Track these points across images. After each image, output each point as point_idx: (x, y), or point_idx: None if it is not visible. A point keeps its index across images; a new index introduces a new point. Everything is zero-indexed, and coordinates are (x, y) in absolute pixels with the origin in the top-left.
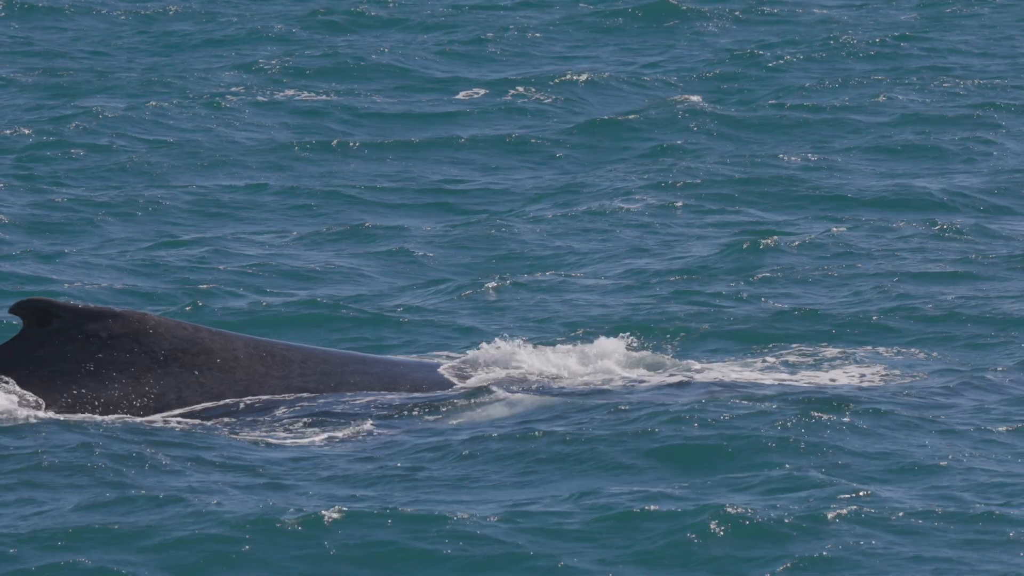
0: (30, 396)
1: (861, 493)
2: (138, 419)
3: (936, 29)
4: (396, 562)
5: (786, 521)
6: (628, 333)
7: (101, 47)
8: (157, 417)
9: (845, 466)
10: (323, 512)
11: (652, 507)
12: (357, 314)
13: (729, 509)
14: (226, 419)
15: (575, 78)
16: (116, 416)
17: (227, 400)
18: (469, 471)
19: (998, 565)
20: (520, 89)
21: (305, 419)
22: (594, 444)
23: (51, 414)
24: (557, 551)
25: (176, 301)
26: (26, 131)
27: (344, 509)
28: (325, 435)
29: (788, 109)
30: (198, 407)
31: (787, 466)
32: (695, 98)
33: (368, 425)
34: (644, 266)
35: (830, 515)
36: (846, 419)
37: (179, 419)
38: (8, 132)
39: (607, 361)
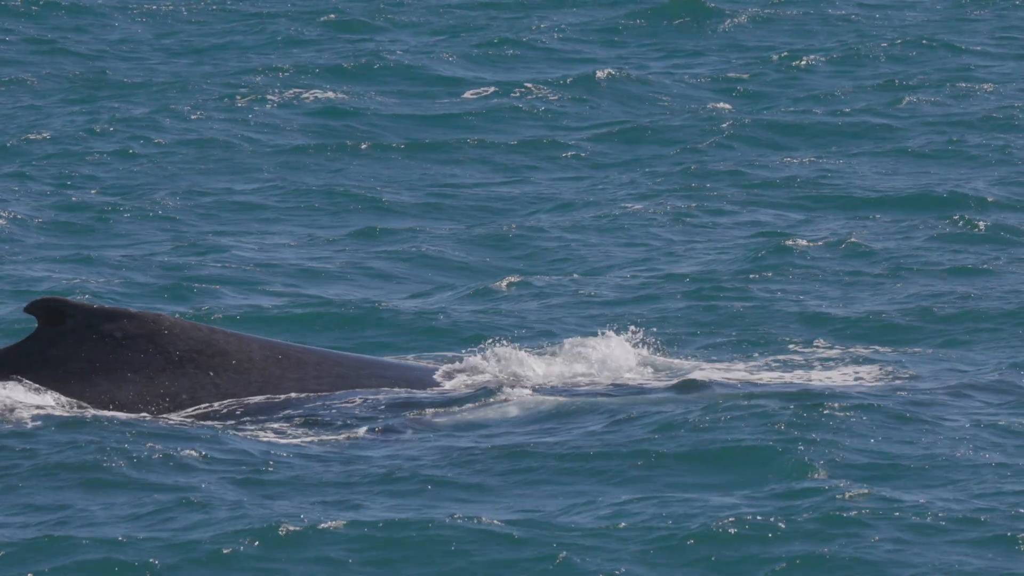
0: (44, 395)
1: (869, 494)
2: (151, 419)
3: (955, 32)
4: (411, 564)
5: (795, 523)
6: (637, 335)
7: (117, 48)
8: (171, 417)
9: (857, 467)
10: (336, 515)
11: (655, 509)
12: (370, 315)
13: (732, 512)
14: (240, 420)
15: (594, 80)
16: (129, 416)
17: (241, 401)
18: (485, 475)
19: (986, 563)
20: (536, 89)
21: (319, 422)
22: (605, 447)
23: (64, 413)
24: (563, 554)
25: (190, 302)
26: (43, 132)
27: (357, 512)
28: (339, 438)
29: (803, 113)
30: (212, 408)
31: (794, 468)
32: (714, 100)
33: (383, 429)
34: (656, 268)
35: (842, 516)
36: (856, 420)
37: (193, 420)
38: (26, 133)
39: (616, 363)
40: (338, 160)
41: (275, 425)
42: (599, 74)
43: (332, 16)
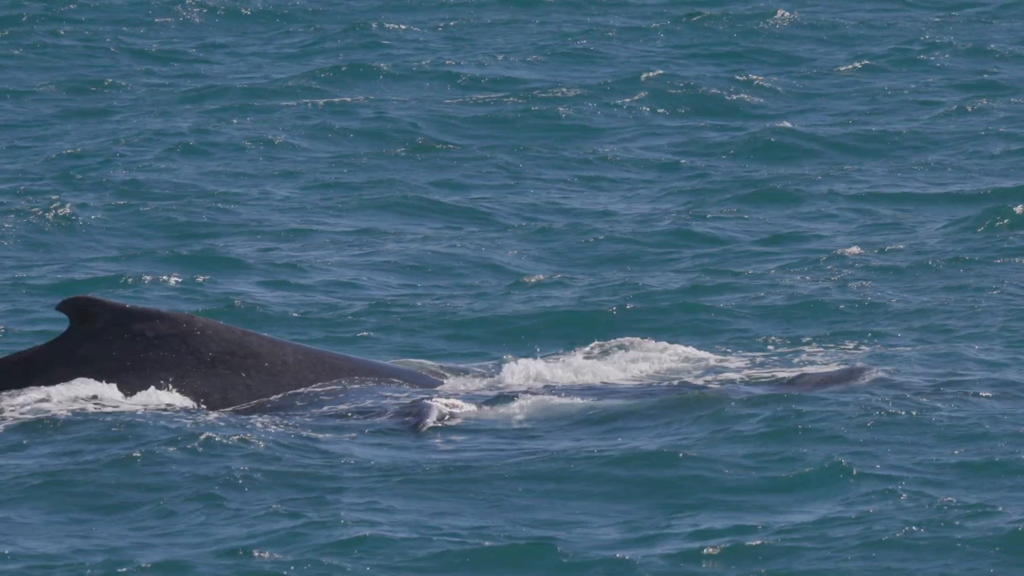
0: (74, 393)
1: (916, 495)
2: (181, 419)
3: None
4: (436, 569)
5: (813, 527)
6: (660, 339)
7: (135, 50)
8: (201, 417)
9: (900, 464)
10: (353, 518)
11: (662, 516)
12: (395, 317)
13: (746, 518)
14: (270, 422)
15: (638, 82)
16: (159, 415)
17: (272, 403)
18: (509, 481)
19: (991, 564)
20: (575, 91)
21: (349, 426)
22: (627, 452)
23: (94, 412)
24: (575, 557)
25: (222, 304)
26: (76, 135)
27: (377, 515)
28: (370, 443)
29: (828, 125)
30: (243, 409)
31: (812, 472)
32: (753, 105)
33: (415, 436)
34: (679, 271)
35: (878, 520)
36: (897, 417)
37: (223, 421)
38: (61, 136)
39: (635, 366)
40: (368, 161)
41: (306, 428)
42: (643, 77)
43: (361, 20)
